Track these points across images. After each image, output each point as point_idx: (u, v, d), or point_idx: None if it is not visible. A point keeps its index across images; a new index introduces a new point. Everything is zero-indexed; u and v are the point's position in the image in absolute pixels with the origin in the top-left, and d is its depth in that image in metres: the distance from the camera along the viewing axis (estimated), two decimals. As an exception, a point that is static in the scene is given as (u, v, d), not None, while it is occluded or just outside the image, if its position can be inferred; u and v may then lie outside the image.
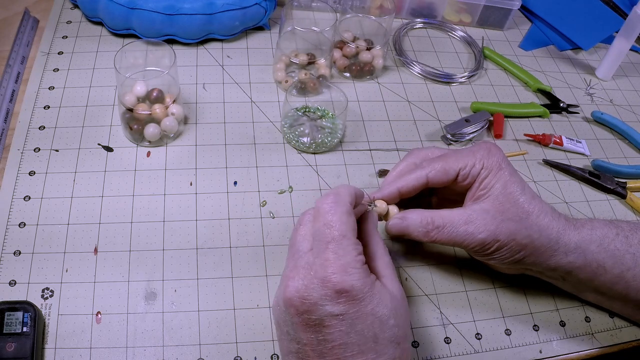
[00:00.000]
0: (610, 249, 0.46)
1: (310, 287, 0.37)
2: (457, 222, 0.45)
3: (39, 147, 0.58)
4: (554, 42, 0.83)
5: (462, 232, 0.45)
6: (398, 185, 0.48)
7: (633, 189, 0.64)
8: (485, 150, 0.47)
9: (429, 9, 0.81)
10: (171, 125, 0.59)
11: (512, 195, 0.46)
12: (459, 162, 0.47)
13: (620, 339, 0.52)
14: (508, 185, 0.46)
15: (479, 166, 0.46)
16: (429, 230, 0.46)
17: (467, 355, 0.49)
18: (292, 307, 0.38)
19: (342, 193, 0.41)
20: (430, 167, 0.47)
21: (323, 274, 0.37)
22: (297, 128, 0.64)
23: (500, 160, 0.47)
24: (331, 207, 0.40)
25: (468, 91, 0.73)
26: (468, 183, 0.47)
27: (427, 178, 0.47)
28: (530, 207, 0.46)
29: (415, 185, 0.47)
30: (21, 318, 0.44)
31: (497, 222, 0.45)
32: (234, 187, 0.58)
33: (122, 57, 0.58)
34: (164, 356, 0.46)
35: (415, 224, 0.46)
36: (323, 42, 0.70)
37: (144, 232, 0.53)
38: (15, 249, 0.50)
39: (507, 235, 0.44)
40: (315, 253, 0.39)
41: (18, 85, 0.64)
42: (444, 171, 0.47)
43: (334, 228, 0.39)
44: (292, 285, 0.38)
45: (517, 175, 0.47)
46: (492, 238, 0.45)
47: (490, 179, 0.46)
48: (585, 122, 0.72)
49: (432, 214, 0.46)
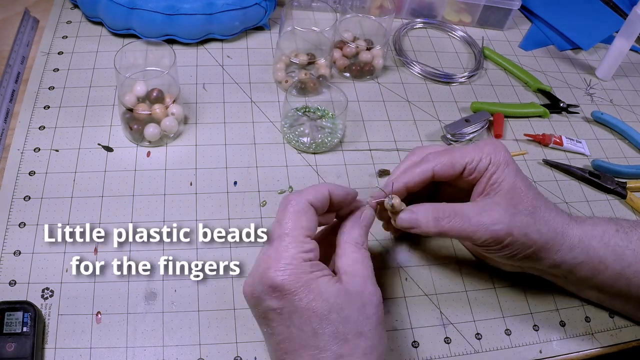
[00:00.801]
0: (611, 245, 0.46)
1: (255, 282, 0.40)
2: (471, 213, 0.45)
3: (39, 147, 0.58)
4: (554, 42, 0.83)
5: (475, 223, 0.44)
6: (404, 180, 0.47)
7: (633, 189, 0.64)
8: (491, 146, 0.47)
9: (429, 9, 0.81)
10: (171, 125, 0.59)
11: (521, 190, 0.45)
12: (466, 155, 0.46)
13: (620, 339, 0.52)
14: (517, 181, 0.46)
15: (486, 161, 0.46)
16: (439, 218, 0.45)
17: (467, 355, 0.49)
18: (247, 300, 0.41)
19: (305, 192, 0.42)
20: (436, 160, 0.47)
21: (262, 270, 0.39)
22: (297, 128, 0.64)
23: (507, 155, 0.47)
24: (285, 205, 0.41)
25: (468, 91, 0.73)
26: (474, 178, 0.47)
27: (434, 171, 0.46)
28: (537, 202, 0.46)
29: (421, 179, 0.47)
30: (21, 318, 0.44)
31: (510, 214, 0.44)
32: (234, 187, 0.58)
33: (122, 57, 0.58)
34: (164, 356, 0.46)
35: (426, 214, 0.45)
36: (323, 42, 0.70)
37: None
38: (15, 249, 0.50)
39: (519, 229, 0.44)
40: (263, 250, 0.41)
41: (18, 85, 0.64)
42: (451, 164, 0.46)
43: (281, 226, 0.41)
44: (247, 281, 0.41)
45: (521, 172, 0.47)
46: (505, 231, 0.44)
47: (499, 174, 0.46)
48: (585, 122, 0.72)
49: (443, 204, 0.46)
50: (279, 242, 0.40)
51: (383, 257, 0.55)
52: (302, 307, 0.38)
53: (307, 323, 0.38)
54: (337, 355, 0.38)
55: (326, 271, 0.41)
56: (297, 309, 0.38)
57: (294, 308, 0.38)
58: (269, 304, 0.39)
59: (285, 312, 0.39)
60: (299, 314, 0.38)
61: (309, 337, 0.38)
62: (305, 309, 0.38)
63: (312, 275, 0.39)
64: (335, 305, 0.39)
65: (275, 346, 0.40)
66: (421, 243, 0.56)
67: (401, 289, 0.53)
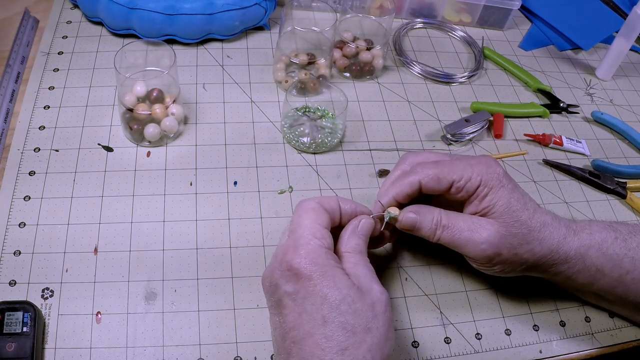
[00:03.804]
0: (609, 254, 0.46)
1: (274, 268, 0.41)
2: (463, 227, 0.46)
3: (39, 147, 0.58)
4: (554, 42, 0.83)
5: (465, 237, 0.45)
6: (392, 193, 0.47)
7: (633, 189, 0.64)
8: (484, 165, 0.46)
9: (429, 9, 0.81)
10: (171, 125, 0.59)
11: (515, 214, 0.45)
12: (454, 172, 0.46)
13: (620, 339, 0.52)
14: (510, 203, 0.45)
15: (476, 182, 0.45)
16: (436, 229, 0.46)
17: (467, 355, 0.49)
18: (266, 293, 0.43)
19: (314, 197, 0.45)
20: (423, 172, 0.46)
21: (281, 257, 0.41)
22: (297, 128, 0.64)
23: (500, 175, 0.46)
24: (297, 207, 0.44)
25: (468, 91, 0.73)
26: (461, 197, 0.46)
27: (420, 184, 0.46)
28: (532, 222, 0.45)
29: (409, 192, 0.47)
30: (21, 318, 0.44)
31: (500, 236, 0.45)
32: (234, 187, 0.58)
33: (122, 57, 0.58)
34: (164, 356, 0.46)
35: (427, 220, 0.46)
36: (323, 42, 0.70)
37: (144, 232, 0.53)
38: (15, 249, 0.50)
39: (509, 250, 0.45)
40: (280, 243, 0.44)
41: (18, 85, 0.64)
42: (437, 179, 0.46)
43: (297, 221, 0.43)
44: (265, 273, 0.43)
45: (518, 189, 0.47)
46: (494, 252, 0.45)
47: (492, 197, 0.45)
48: (585, 122, 0.72)
49: (442, 213, 0.46)
50: (295, 233, 0.42)
51: (383, 257, 0.55)
52: (315, 293, 0.39)
53: (318, 310, 0.39)
54: (343, 347, 0.38)
55: (340, 265, 0.42)
56: (311, 294, 0.39)
57: (307, 293, 0.39)
58: (285, 288, 0.40)
59: (299, 297, 0.39)
60: (311, 299, 0.39)
61: (318, 324, 0.38)
62: (319, 295, 0.39)
63: (328, 262, 0.40)
64: (347, 296, 0.39)
65: (283, 337, 0.40)
66: (421, 243, 0.56)
67: (401, 289, 0.53)
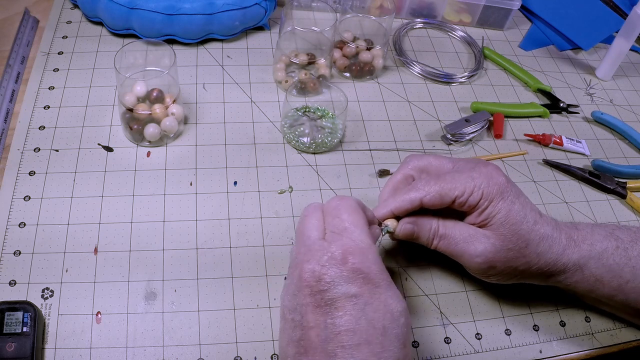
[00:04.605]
0: (609, 264, 0.46)
1: (327, 267, 0.38)
2: (458, 237, 0.46)
3: (39, 147, 0.58)
4: (554, 42, 0.83)
5: (461, 249, 0.46)
6: (391, 207, 0.46)
7: (633, 189, 0.64)
8: (485, 177, 0.45)
9: (429, 9, 0.81)
10: (171, 125, 0.59)
11: (514, 226, 0.45)
12: (457, 187, 0.45)
13: (620, 339, 0.52)
14: (510, 215, 0.45)
15: (478, 195, 0.45)
16: (433, 238, 0.47)
17: (467, 355, 0.49)
18: (307, 287, 0.39)
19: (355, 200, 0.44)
20: (425, 190, 0.45)
21: (342, 256, 0.39)
22: (297, 128, 0.64)
23: (502, 186, 0.45)
24: (338, 203, 0.42)
25: (468, 91, 0.73)
26: (464, 210, 0.46)
27: (422, 202, 0.46)
28: (531, 235, 0.45)
29: (409, 209, 0.46)
30: (21, 318, 0.44)
31: (495, 249, 0.45)
32: (234, 187, 0.58)
33: (122, 57, 0.58)
34: (164, 356, 0.46)
35: (425, 230, 0.47)
36: (323, 42, 0.70)
37: (144, 232, 0.53)
38: (15, 249, 0.50)
39: (503, 262, 0.45)
40: (330, 240, 0.40)
41: (18, 85, 0.64)
42: (440, 197, 0.45)
43: (348, 219, 0.41)
44: (308, 267, 0.39)
45: (519, 199, 0.46)
46: (489, 265, 0.46)
47: (491, 210, 0.45)
48: (585, 122, 0.72)
49: (440, 222, 0.47)
50: (351, 233, 0.40)
51: (383, 258, 0.55)
52: (380, 300, 0.38)
53: (380, 319, 0.38)
54: (396, 358, 0.37)
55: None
56: (375, 302, 0.38)
57: (371, 300, 0.38)
58: (347, 289, 0.38)
59: (361, 302, 0.38)
60: (374, 307, 0.38)
61: (378, 333, 0.37)
62: (384, 303, 0.38)
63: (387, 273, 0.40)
64: (404, 310, 0.39)
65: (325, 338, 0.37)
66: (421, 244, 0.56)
67: (401, 289, 0.53)
